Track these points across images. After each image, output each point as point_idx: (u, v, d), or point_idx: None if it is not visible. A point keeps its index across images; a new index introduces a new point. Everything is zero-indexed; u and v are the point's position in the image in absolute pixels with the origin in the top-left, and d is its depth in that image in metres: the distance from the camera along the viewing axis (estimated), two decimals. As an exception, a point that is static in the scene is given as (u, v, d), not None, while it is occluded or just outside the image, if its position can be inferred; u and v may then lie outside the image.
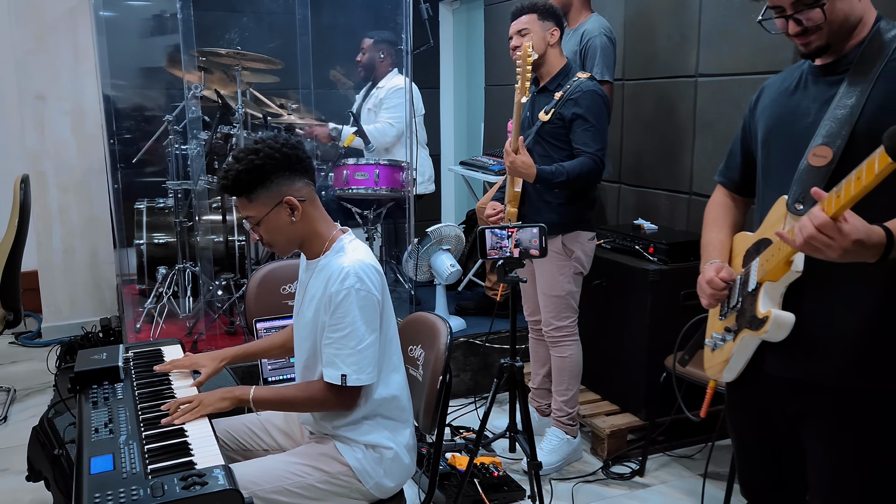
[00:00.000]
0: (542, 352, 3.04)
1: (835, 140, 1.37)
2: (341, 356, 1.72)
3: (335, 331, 1.73)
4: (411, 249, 3.63)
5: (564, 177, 2.62)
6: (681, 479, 2.84)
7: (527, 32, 2.72)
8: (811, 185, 1.37)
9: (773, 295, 1.41)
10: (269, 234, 1.80)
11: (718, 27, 3.09)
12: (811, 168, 1.39)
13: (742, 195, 1.71)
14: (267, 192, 1.74)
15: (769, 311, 1.39)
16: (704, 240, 1.69)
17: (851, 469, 1.42)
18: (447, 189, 5.66)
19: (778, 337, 1.39)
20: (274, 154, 1.74)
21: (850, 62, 1.41)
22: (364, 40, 4.15)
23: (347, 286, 1.71)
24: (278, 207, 1.75)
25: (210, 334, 3.52)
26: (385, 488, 1.84)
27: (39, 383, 3.81)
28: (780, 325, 1.38)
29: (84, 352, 1.95)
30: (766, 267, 1.41)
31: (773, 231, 1.43)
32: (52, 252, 4.44)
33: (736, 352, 1.51)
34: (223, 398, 1.76)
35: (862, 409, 1.40)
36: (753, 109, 1.63)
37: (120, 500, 1.29)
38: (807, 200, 1.37)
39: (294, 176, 1.77)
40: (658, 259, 2.94)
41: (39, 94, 4.27)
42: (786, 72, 1.59)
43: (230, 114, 3.65)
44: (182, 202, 3.80)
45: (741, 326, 1.48)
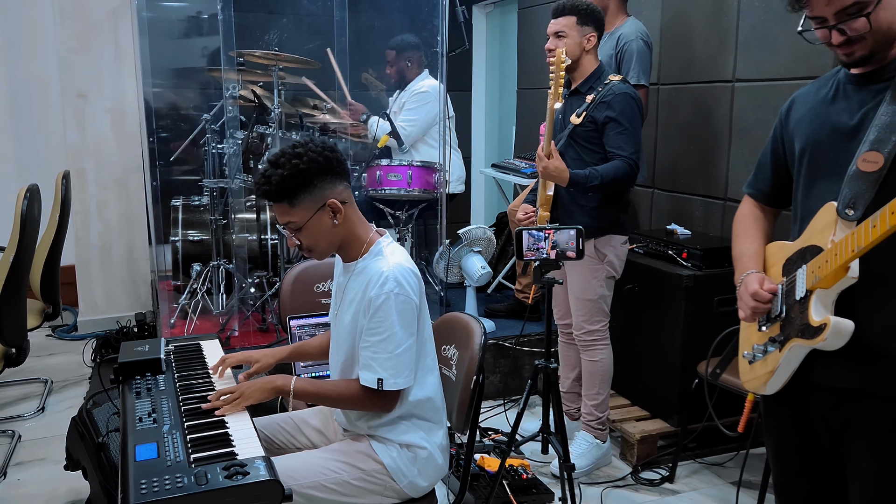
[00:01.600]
0: (573, 355, 3.04)
1: (885, 146, 1.35)
2: (378, 360, 1.73)
3: (373, 334, 1.74)
4: (442, 251, 3.65)
5: (598, 181, 2.62)
6: (712, 486, 2.81)
7: (563, 36, 2.71)
8: (862, 191, 1.37)
9: (826, 302, 1.39)
10: (311, 238, 1.78)
11: (757, 32, 3.07)
12: (861, 173, 1.37)
13: (772, 206, 1.70)
14: (310, 196, 1.74)
15: (826, 318, 1.36)
16: (737, 251, 1.67)
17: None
18: (477, 191, 5.67)
19: (836, 345, 1.37)
20: (317, 158, 1.73)
21: (893, 70, 1.39)
22: (388, 52, 4.13)
23: (387, 291, 1.72)
24: (321, 211, 1.75)
25: (243, 331, 3.56)
26: (418, 487, 1.85)
27: (75, 375, 3.88)
28: (840, 332, 1.35)
29: (127, 343, 1.99)
30: (819, 274, 1.38)
31: (821, 238, 1.42)
32: (89, 247, 4.53)
33: (783, 362, 1.48)
34: (263, 388, 1.77)
35: None
36: (786, 121, 1.61)
37: (165, 487, 1.32)
38: (857, 205, 1.36)
39: (335, 179, 1.77)
40: (692, 265, 2.92)
41: (81, 92, 4.36)
42: (818, 81, 1.57)
43: (266, 113, 3.70)
44: (217, 200, 3.86)
45: (790, 335, 1.46)
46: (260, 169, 1.78)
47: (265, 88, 3.97)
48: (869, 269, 1.34)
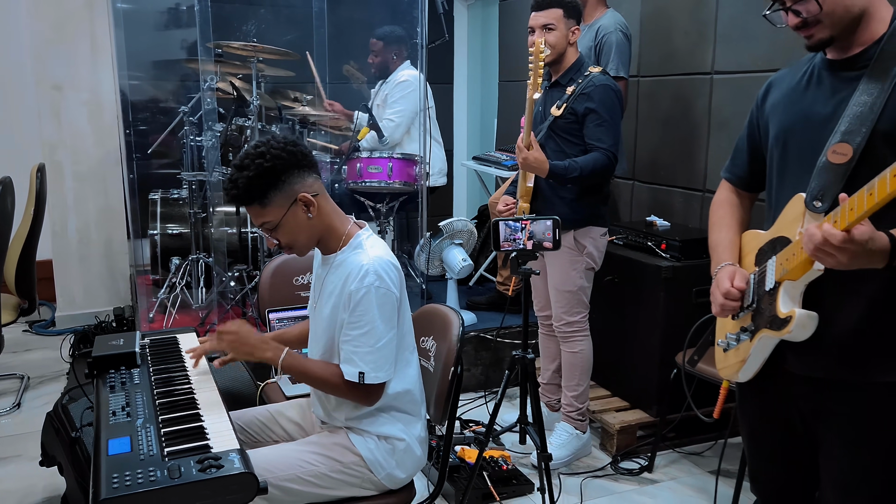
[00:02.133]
0: (553, 347, 3.05)
1: (854, 137, 1.36)
2: (360, 354, 1.73)
3: (354, 328, 1.73)
4: (423, 243, 3.64)
5: (577, 172, 2.62)
6: (690, 475, 2.84)
7: (553, 28, 2.71)
8: (831, 182, 1.37)
9: (794, 294, 1.40)
10: (289, 235, 1.76)
11: (735, 24, 3.08)
12: (831, 165, 1.38)
13: (749, 191, 1.71)
14: (280, 193, 1.71)
15: (792, 310, 1.37)
16: (713, 240, 1.68)
17: (872, 465, 1.42)
18: (459, 184, 5.66)
19: (801, 336, 1.39)
20: (281, 154, 1.71)
21: (868, 58, 1.39)
22: (374, 42, 4.10)
23: (367, 284, 1.71)
24: (294, 207, 1.73)
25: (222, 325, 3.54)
26: (396, 479, 1.85)
27: (53, 371, 3.84)
28: (804, 324, 1.37)
29: (101, 337, 1.97)
30: (787, 266, 1.39)
31: (790, 229, 1.43)
32: (67, 241, 4.48)
33: (754, 352, 1.50)
34: (252, 353, 1.79)
35: (884, 406, 1.40)
36: (761, 105, 1.61)
37: (137, 481, 1.31)
38: (826, 198, 1.36)
39: (303, 172, 1.75)
40: (671, 256, 2.94)
41: (56, 84, 4.30)
42: (795, 66, 1.57)
43: (245, 106, 3.67)
44: (196, 193, 3.82)
45: (759, 326, 1.47)
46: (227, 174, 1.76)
47: (244, 80, 3.94)
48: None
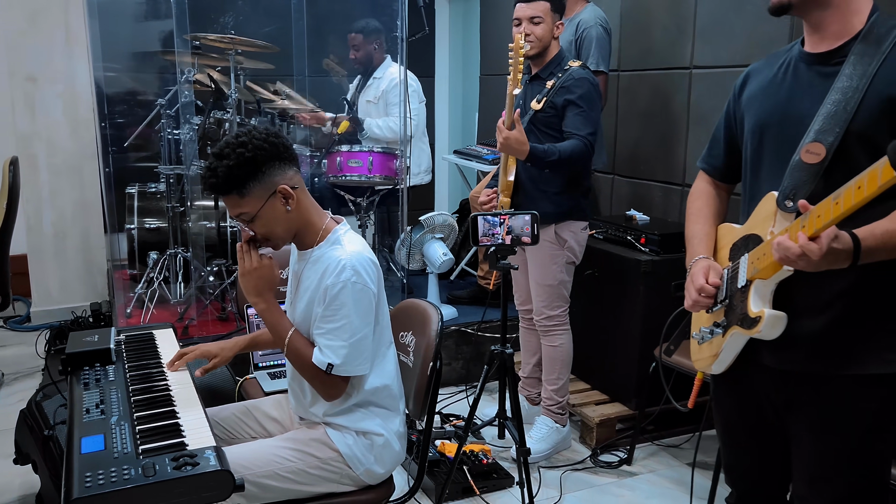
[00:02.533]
0: (533, 341, 3.05)
1: (827, 137, 1.36)
2: (333, 347, 1.72)
3: (328, 321, 1.72)
4: (404, 237, 3.63)
5: (556, 156, 2.61)
6: (668, 468, 2.86)
7: (539, 21, 2.70)
8: (803, 182, 1.37)
9: (764, 293, 1.41)
10: (267, 227, 1.75)
11: (714, 19, 3.10)
12: (803, 164, 1.38)
13: (725, 182, 1.71)
14: (260, 184, 1.70)
15: (762, 310, 1.39)
16: (688, 232, 1.68)
17: (840, 456, 1.44)
18: (441, 178, 5.65)
19: (770, 336, 1.40)
20: (263, 145, 1.70)
21: (844, 55, 1.39)
22: (353, 36, 4.07)
23: (344, 279, 1.70)
24: (272, 198, 1.71)
25: (201, 320, 3.51)
26: (375, 474, 1.85)
27: (28, 368, 3.79)
28: (773, 325, 1.38)
29: (76, 334, 1.94)
30: (758, 265, 1.40)
31: (762, 227, 1.44)
32: (42, 236, 4.42)
33: (726, 347, 1.51)
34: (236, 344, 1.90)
35: (853, 397, 1.42)
36: (738, 96, 1.61)
37: (111, 480, 1.29)
38: (797, 197, 1.36)
39: (284, 165, 1.73)
40: (650, 250, 2.95)
41: (30, 75, 4.23)
42: (772, 56, 1.57)
43: (223, 99, 3.64)
44: (174, 187, 3.78)
45: (731, 322, 1.48)
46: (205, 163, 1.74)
47: (222, 73, 3.90)
48: None
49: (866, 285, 1.37)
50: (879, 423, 1.42)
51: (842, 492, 1.45)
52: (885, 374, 1.40)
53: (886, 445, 1.44)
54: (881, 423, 1.42)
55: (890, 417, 1.42)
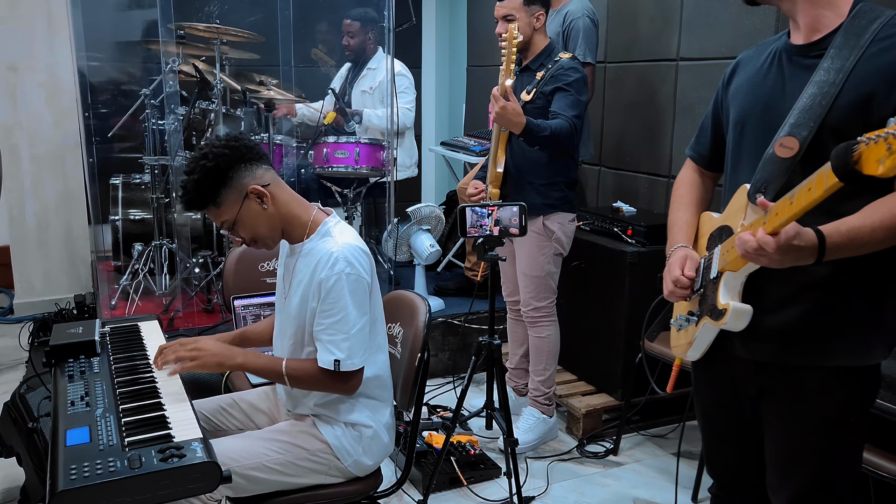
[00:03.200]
0: (520, 332, 3.06)
1: (801, 131, 1.35)
2: (335, 342, 1.71)
3: (327, 316, 1.71)
4: (391, 229, 3.63)
5: (548, 132, 2.61)
6: (654, 457, 2.89)
7: (512, 18, 2.71)
8: (774, 176, 1.38)
9: (734, 285, 1.43)
10: (250, 230, 1.75)
11: (700, 11, 3.11)
12: (776, 158, 1.38)
13: (711, 170, 1.72)
14: (230, 190, 1.71)
15: (728, 303, 1.40)
16: (671, 219, 1.69)
17: (809, 446, 1.46)
18: (428, 169, 5.64)
19: (737, 327, 1.41)
20: (223, 151, 1.71)
21: (824, 48, 1.38)
22: (349, 23, 4.04)
23: (338, 271, 1.69)
24: (247, 201, 1.72)
25: (187, 312, 3.49)
26: (363, 466, 1.85)
27: (11, 360, 3.76)
28: (739, 316, 1.40)
29: (60, 326, 1.92)
30: (727, 258, 1.41)
31: (734, 220, 1.45)
32: (25, 227, 4.37)
33: (699, 336, 1.53)
34: (221, 364, 1.74)
35: (819, 387, 1.43)
36: (727, 85, 1.60)
37: (97, 472, 1.28)
38: (768, 191, 1.37)
39: (250, 165, 1.74)
40: (636, 241, 2.97)
41: (11, 64, 4.17)
42: (761, 46, 1.56)
43: (208, 89, 3.60)
44: (159, 178, 3.75)
45: (703, 312, 1.50)
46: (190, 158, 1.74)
47: (207, 63, 3.86)
48: None
49: (835, 279, 1.38)
50: (847, 414, 1.43)
51: (810, 480, 1.47)
52: (853, 366, 1.41)
53: (855, 435, 1.46)
54: (848, 413, 1.44)
55: (857, 408, 1.44)
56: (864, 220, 1.28)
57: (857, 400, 1.44)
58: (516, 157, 2.77)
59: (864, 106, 1.31)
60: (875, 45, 1.32)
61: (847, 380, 1.42)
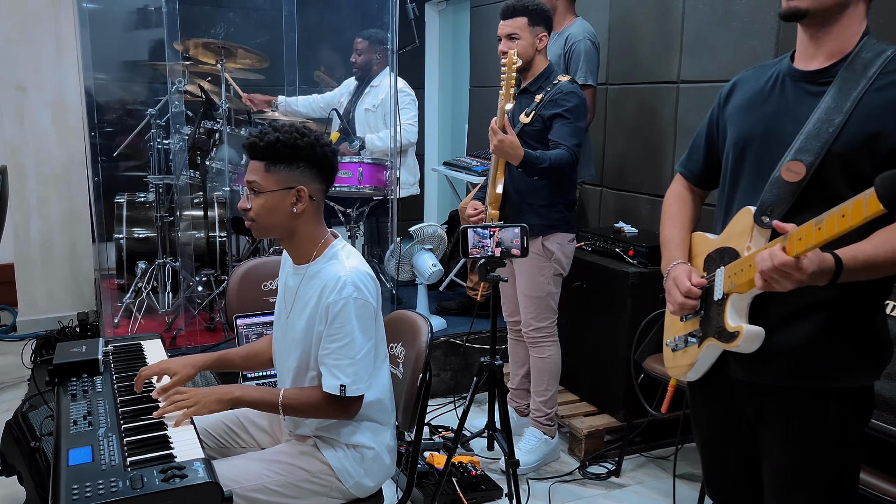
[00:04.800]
0: (521, 352, 3.06)
1: (808, 157, 1.36)
2: (341, 367, 1.71)
3: (333, 341, 1.72)
4: (393, 248, 3.64)
5: (547, 163, 2.63)
6: (656, 479, 2.87)
7: (517, 38, 2.73)
8: (780, 199, 1.39)
9: (741, 307, 1.42)
10: (263, 210, 1.74)
11: (701, 34, 3.14)
12: (782, 182, 1.39)
13: (701, 188, 1.73)
14: (288, 172, 1.72)
15: (740, 326, 1.40)
16: (665, 236, 1.69)
17: (807, 468, 1.46)
18: (430, 189, 5.67)
19: (749, 350, 1.41)
20: (316, 146, 1.73)
21: (832, 74, 1.39)
22: (360, 41, 4.09)
23: (345, 296, 1.70)
24: (286, 192, 1.73)
25: (190, 330, 3.50)
26: (365, 488, 1.85)
27: (13, 378, 3.76)
28: (752, 340, 1.39)
29: (63, 344, 1.93)
30: (735, 280, 1.41)
31: (738, 242, 1.44)
32: (29, 245, 4.39)
33: (701, 357, 1.53)
34: (220, 400, 1.70)
35: (817, 409, 1.43)
36: (724, 105, 1.60)
37: (98, 492, 1.29)
38: (774, 214, 1.38)
39: (317, 176, 1.76)
40: (638, 262, 2.97)
41: (20, 84, 4.22)
42: (760, 68, 1.57)
43: (213, 109, 3.64)
44: (163, 197, 3.78)
45: (707, 334, 1.49)
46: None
47: (212, 83, 3.90)
48: None
49: (836, 301, 1.39)
50: (844, 436, 1.44)
51: (809, 501, 1.47)
52: (850, 387, 1.42)
53: (852, 457, 1.46)
54: (846, 435, 1.44)
55: (854, 429, 1.45)
56: (877, 250, 1.29)
57: (854, 420, 1.44)
58: (515, 178, 2.78)
59: (870, 139, 1.33)
60: (882, 78, 1.35)
61: (843, 401, 1.42)
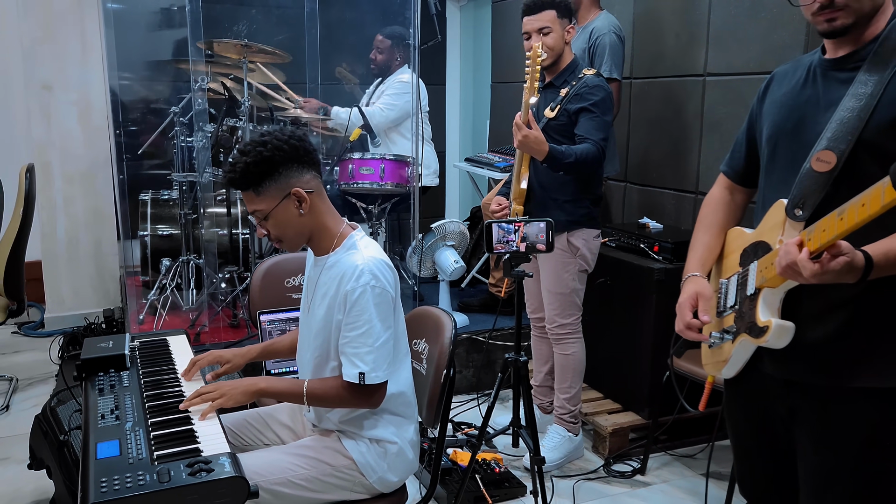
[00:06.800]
0: (545, 349, 3.04)
1: (839, 145, 1.34)
2: (360, 354, 1.71)
3: (352, 329, 1.72)
4: (415, 245, 3.63)
5: (573, 158, 2.60)
6: (682, 478, 2.84)
7: (549, 31, 2.69)
8: (812, 191, 1.36)
9: (772, 302, 1.40)
10: (278, 227, 1.76)
11: (727, 26, 3.09)
12: (813, 173, 1.36)
13: (745, 185, 1.70)
14: (275, 184, 1.72)
15: (769, 320, 1.37)
16: (692, 240, 1.69)
17: (841, 469, 1.43)
18: (452, 185, 5.66)
19: (778, 345, 1.39)
20: (282, 146, 1.72)
21: (862, 59, 1.37)
22: (382, 39, 4.07)
23: (363, 284, 1.70)
24: (286, 200, 1.73)
25: (213, 327, 3.52)
26: (388, 482, 1.84)
27: (41, 373, 3.81)
28: (781, 334, 1.37)
29: (90, 340, 1.95)
30: (766, 274, 1.39)
31: (771, 235, 1.43)
32: (56, 242, 4.45)
33: (735, 353, 1.51)
34: (245, 392, 1.74)
35: (850, 409, 1.40)
36: (762, 99, 1.59)
37: (126, 485, 1.29)
38: (806, 206, 1.36)
39: (302, 168, 1.76)
40: (663, 258, 2.94)
41: (46, 84, 4.26)
42: (796, 62, 1.55)
43: (236, 106, 3.65)
44: (187, 194, 3.80)
45: (740, 330, 1.47)
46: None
47: (235, 81, 3.92)
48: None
49: (869, 298, 1.36)
50: (881, 437, 1.40)
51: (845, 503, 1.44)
52: (887, 387, 1.38)
53: (889, 458, 1.42)
54: (882, 436, 1.40)
55: (890, 430, 1.41)
56: None
57: (889, 422, 1.40)
58: (540, 173, 2.76)
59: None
60: None
61: (877, 402, 1.39)
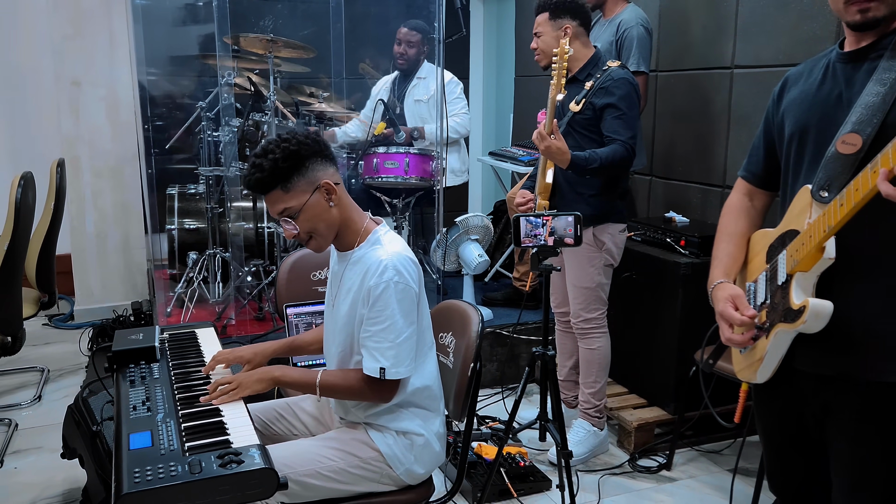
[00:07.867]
0: (570, 344, 3.03)
1: (865, 128, 1.34)
2: (381, 349, 1.72)
3: (374, 324, 1.73)
4: (439, 239, 3.63)
5: (598, 163, 2.59)
6: (709, 474, 2.82)
7: (540, 34, 2.76)
8: (838, 173, 1.36)
9: (806, 285, 1.38)
10: (311, 223, 1.74)
11: (756, 18, 3.05)
12: (839, 155, 1.36)
13: (765, 189, 1.69)
14: (304, 178, 1.72)
15: (805, 300, 1.34)
16: (714, 250, 1.68)
17: (877, 465, 1.41)
18: (475, 179, 5.64)
19: (816, 327, 1.36)
20: (306, 140, 1.74)
21: (883, 48, 1.37)
22: (410, 33, 4.03)
23: (386, 279, 1.71)
24: (317, 193, 1.74)
25: (239, 320, 3.55)
26: (415, 474, 1.85)
27: (72, 364, 3.88)
28: (819, 314, 1.33)
29: (121, 332, 1.98)
30: (797, 257, 1.38)
31: (798, 221, 1.41)
32: (85, 236, 4.52)
33: (770, 349, 1.47)
34: (261, 380, 1.76)
35: (889, 403, 1.38)
36: (777, 102, 1.60)
37: (159, 476, 1.31)
38: (832, 188, 1.35)
39: (326, 162, 1.77)
40: (690, 252, 2.91)
41: (75, 79, 4.32)
42: (810, 62, 1.56)
43: (262, 101, 3.68)
44: (213, 188, 3.84)
45: (774, 321, 1.45)
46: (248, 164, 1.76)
47: (261, 76, 3.94)
48: (844, 257, 1.34)
49: None
50: None
51: (880, 500, 1.42)
52: None
53: None
54: None
55: None
56: None
57: None
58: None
59: None
60: None
61: None
